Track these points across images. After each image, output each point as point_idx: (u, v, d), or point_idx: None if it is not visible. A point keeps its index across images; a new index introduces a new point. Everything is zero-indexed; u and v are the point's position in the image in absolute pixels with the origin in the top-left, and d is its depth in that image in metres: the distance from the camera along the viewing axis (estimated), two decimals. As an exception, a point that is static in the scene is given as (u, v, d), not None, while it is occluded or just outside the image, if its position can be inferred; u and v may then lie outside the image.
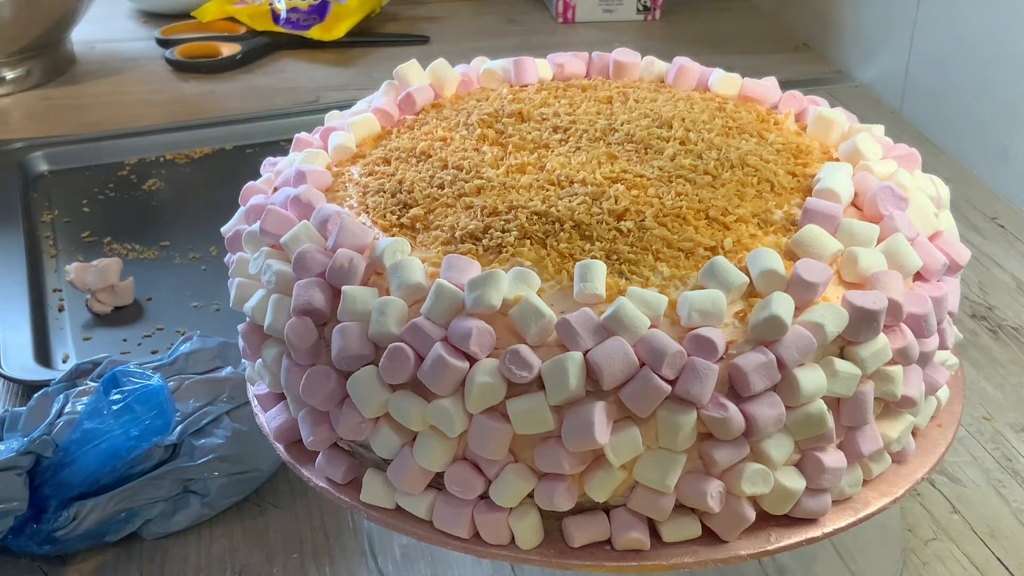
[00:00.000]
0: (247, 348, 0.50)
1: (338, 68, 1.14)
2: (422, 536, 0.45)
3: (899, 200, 0.48)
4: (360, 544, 0.58)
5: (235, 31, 1.19)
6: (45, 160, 0.96)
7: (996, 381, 0.69)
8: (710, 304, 0.42)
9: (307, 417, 0.47)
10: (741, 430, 0.42)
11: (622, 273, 0.44)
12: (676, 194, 0.48)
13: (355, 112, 0.58)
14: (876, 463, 0.47)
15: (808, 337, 0.42)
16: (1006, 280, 0.79)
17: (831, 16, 1.13)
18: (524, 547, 0.44)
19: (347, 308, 0.44)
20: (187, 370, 0.63)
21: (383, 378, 0.43)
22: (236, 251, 0.52)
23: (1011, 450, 0.64)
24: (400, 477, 0.44)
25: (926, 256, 0.47)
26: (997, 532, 0.58)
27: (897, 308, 0.44)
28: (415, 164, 0.52)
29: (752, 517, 0.44)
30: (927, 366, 0.47)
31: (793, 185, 0.50)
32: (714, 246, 0.45)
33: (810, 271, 0.43)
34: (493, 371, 0.41)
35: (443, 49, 1.06)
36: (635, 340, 0.41)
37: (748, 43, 1.18)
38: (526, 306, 0.41)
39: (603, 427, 0.41)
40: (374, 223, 0.49)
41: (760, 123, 0.55)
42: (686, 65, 0.60)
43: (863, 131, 0.54)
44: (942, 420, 0.51)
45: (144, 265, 0.82)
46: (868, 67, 1.07)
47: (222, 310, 0.76)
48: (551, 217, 0.46)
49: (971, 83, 0.92)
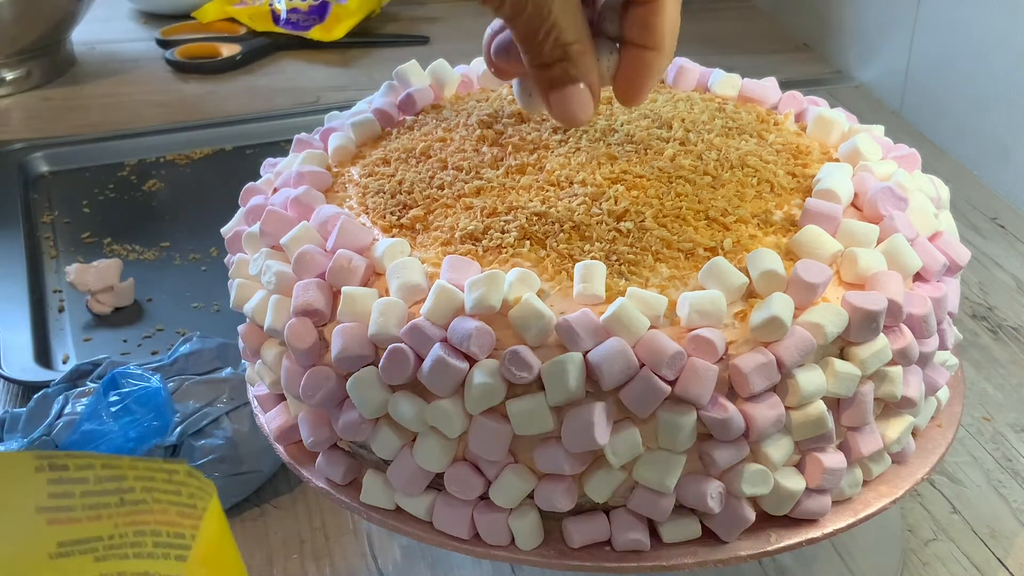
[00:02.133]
0: (247, 349, 0.50)
1: (338, 69, 1.14)
2: (422, 537, 0.45)
3: (899, 200, 0.48)
4: (360, 545, 0.58)
5: (235, 32, 1.19)
6: (45, 161, 0.96)
7: (996, 381, 0.69)
8: (710, 305, 0.42)
9: (307, 418, 0.47)
10: (741, 431, 0.42)
11: (622, 274, 0.44)
12: (676, 195, 0.48)
13: (355, 113, 0.58)
14: (876, 463, 0.47)
15: (808, 338, 0.42)
16: (1006, 280, 0.79)
17: (831, 16, 1.13)
18: (524, 548, 0.44)
19: (347, 309, 0.44)
20: (187, 371, 0.63)
21: (383, 379, 0.43)
22: (236, 252, 0.52)
23: (1011, 450, 0.64)
24: (400, 478, 0.44)
25: (926, 256, 0.47)
26: (997, 532, 0.58)
27: (897, 309, 0.44)
28: (415, 165, 0.52)
29: (752, 518, 0.44)
30: (927, 367, 0.47)
31: (793, 185, 0.50)
32: (714, 247, 0.45)
33: (810, 272, 0.43)
34: (493, 372, 0.41)
35: (443, 49, 1.06)
36: (635, 341, 0.41)
37: (748, 43, 1.18)
38: (526, 307, 0.41)
39: (603, 428, 0.41)
40: (374, 224, 0.49)
41: (760, 124, 0.55)
42: (686, 65, 0.60)
43: (863, 131, 0.54)
44: (942, 420, 0.51)
45: (144, 266, 0.82)
46: (868, 67, 1.07)
47: (222, 311, 0.76)
48: (551, 218, 0.46)
49: (971, 83, 0.92)
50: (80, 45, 1.17)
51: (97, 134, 1.00)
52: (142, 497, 0.30)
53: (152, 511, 0.30)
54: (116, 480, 0.30)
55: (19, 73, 1.08)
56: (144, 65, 1.15)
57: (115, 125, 1.02)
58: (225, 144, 0.99)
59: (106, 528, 0.30)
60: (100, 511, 0.30)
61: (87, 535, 0.30)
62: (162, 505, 0.30)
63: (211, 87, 1.10)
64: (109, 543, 0.30)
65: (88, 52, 1.17)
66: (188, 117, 1.03)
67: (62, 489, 0.29)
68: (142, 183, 0.93)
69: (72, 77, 1.13)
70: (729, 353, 0.42)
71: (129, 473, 0.30)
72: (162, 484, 0.30)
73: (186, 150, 0.98)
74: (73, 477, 0.29)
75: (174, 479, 0.30)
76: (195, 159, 0.97)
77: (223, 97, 1.08)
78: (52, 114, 1.05)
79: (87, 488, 0.30)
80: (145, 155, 0.97)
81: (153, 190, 0.92)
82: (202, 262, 0.82)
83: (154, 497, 0.30)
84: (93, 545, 0.30)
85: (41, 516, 0.29)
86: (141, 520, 0.30)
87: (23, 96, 1.08)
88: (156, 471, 0.30)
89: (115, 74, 1.13)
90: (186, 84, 1.11)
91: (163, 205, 0.91)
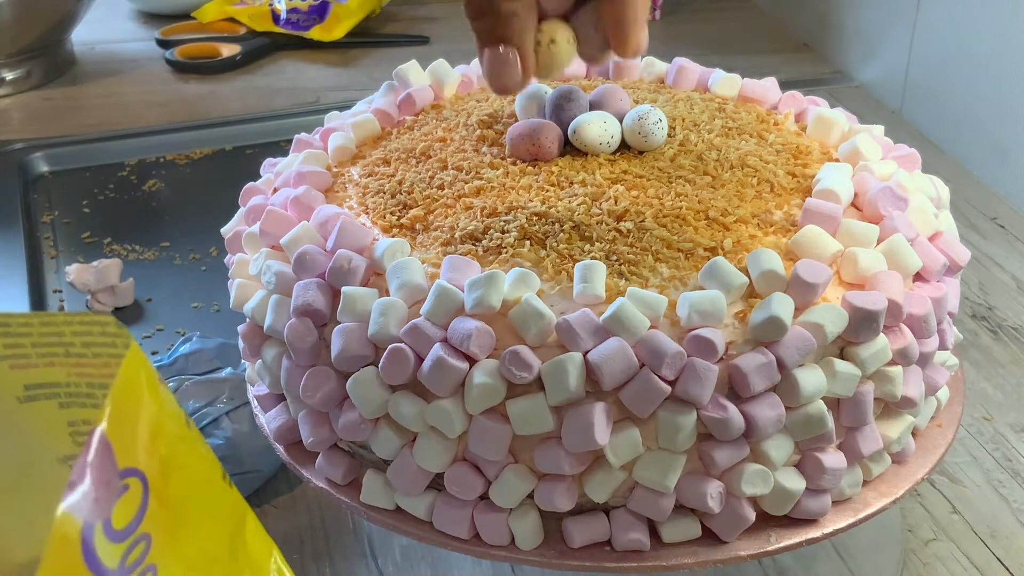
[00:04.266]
0: (247, 349, 0.50)
1: (338, 69, 1.14)
2: (422, 537, 0.45)
3: (899, 200, 0.48)
4: (360, 545, 0.58)
5: (235, 32, 1.19)
6: (45, 161, 0.96)
7: (996, 381, 0.69)
8: (710, 305, 0.42)
9: (307, 418, 0.47)
10: (741, 431, 0.42)
11: (622, 274, 0.44)
12: (676, 195, 0.48)
13: (355, 113, 0.58)
14: (876, 463, 0.47)
15: (808, 338, 0.42)
16: (1006, 280, 0.79)
17: (831, 16, 1.13)
18: (524, 548, 0.44)
19: (347, 309, 0.44)
20: (187, 371, 0.63)
21: (383, 379, 0.43)
22: (236, 252, 0.52)
23: (1011, 450, 0.64)
24: (400, 478, 0.44)
25: (926, 256, 0.47)
26: (997, 532, 0.58)
27: (897, 309, 0.44)
28: (415, 165, 0.52)
29: (752, 518, 0.44)
30: (927, 367, 0.47)
31: (793, 186, 0.50)
32: (714, 247, 0.45)
33: (810, 272, 0.43)
34: (493, 372, 0.41)
35: (443, 49, 1.06)
36: (635, 341, 0.41)
37: (748, 43, 1.18)
38: (526, 307, 0.41)
39: (603, 428, 0.41)
40: (374, 224, 0.49)
41: (760, 124, 0.55)
42: (686, 65, 0.60)
43: (863, 131, 0.54)
44: (942, 420, 0.51)
45: (144, 266, 0.82)
46: (868, 67, 1.07)
47: (222, 311, 0.76)
48: (551, 218, 0.46)
49: (971, 83, 0.92)
50: (80, 45, 1.17)
51: (97, 134, 1.00)
52: (83, 352, 0.30)
53: (94, 364, 0.30)
54: (57, 335, 0.30)
55: (19, 73, 1.08)
56: (144, 65, 1.15)
57: (115, 125, 1.02)
58: (225, 144, 0.99)
59: (61, 375, 0.31)
60: (52, 359, 0.30)
61: (47, 380, 0.30)
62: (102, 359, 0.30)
63: (211, 87, 1.10)
64: (67, 390, 0.31)
65: (88, 52, 1.17)
66: (188, 117, 1.03)
67: (13, 341, 0.30)
68: (142, 183, 0.93)
69: (72, 77, 1.13)
70: (729, 353, 0.42)
71: (65, 329, 0.30)
72: (99, 338, 0.30)
73: (186, 150, 0.98)
74: (19, 332, 0.30)
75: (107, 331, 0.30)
76: (195, 159, 0.97)
77: (223, 97, 1.08)
78: (52, 114, 1.05)
79: (34, 340, 0.30)
80: (145, 155, 0.97)
81: (153, 190, 0.92)
82: (202, 262, 0.82)
83: (93, 352, 0.30)
84: (55, 390, 0.31)
85: (2, 363, 0.30)
86: (87, 372, 0.31)
87: (23, 96, 1.08)
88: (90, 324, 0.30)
89: (115, 74, 1.13)
90: (186, 84, 1.11)
91: (163, 205, 0.91)
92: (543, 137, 0.50)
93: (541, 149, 0.50)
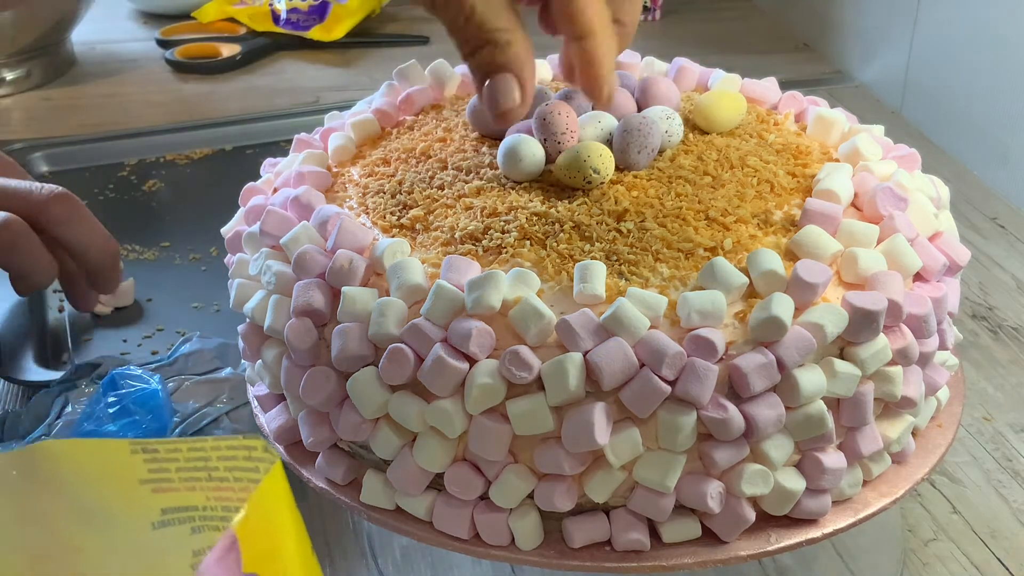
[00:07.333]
0: (247, 349, 0.50)
1: (338, 69, 1.14)
2: (422, 537, 0.45)
3: (899, 200, 0.48)
4: (360, 545, 0.58)
5: (235, 32, 1.19)
6: (45, 161, 0.96)
7: (996, 381, 0.69)
8: (710, 305, 0.42)
9: (307, 418, 0.47)
10: (741, 431, 0.42)
11: (622, 274, 0.44)
12: (676, 195, 0.48)
13: (355, 113, 0.58)
14: (876, 463, 0.47)
15: (808, 338, 0.42)
16: (1006, 280, 0.79)
17: (831, 16, 1.13)
18: (524, 548, 0.44)
19: (347, 309, 0.44)
20: (187, 371, 0.63)
21: (383, 379, 0.43)
22: (236, 252, 0.52)
23: (1011, 450, 0.63)
24: (400, 478, 0.44)
25: (926, 256, 0.47)
26: (997, 532, 0.58)
27: (897, 309, 0.44)
28: (415, 165, 0.52)
29: (752, 518, 0.44)
30: (927, 367, 0.47)
31: (793, 186, 0.50)
32: (714, 247, 0.45)
33: (810, 272, 0.43)
34: (493, 372, 0.41)
35: (443, 49, 1.06)
36: (635, 341, 0.41)
37: (748, 43, 1.18)
38: (526, 307, 0.41)
39: (603, 428, 0.41)
40: (374, 224, 0.49)
41: (760, 124, 0.55)
42: (686, 65, 0.60)
43: (863, 131, 0.54)
44: (942, 420, 0.51)
45: (144, 266, 0.82)
46: (868, 67, 1.07)
47: (222, 311, 0.76)
48: (551, 218, 0.46)
49: (971, 83, 0.92)
50: (80, 45, 1.17)
51: (97, 134, 1.00)
52: (225, 475, 0.31)
53: (234, 488, 0.31)
54: (203, 459, 0.31)
55: (19, 73, 1.08)
56: (144, 65, 1.15)
57: (115, 125, 1.02)
58: (225, 144, 0.99)
59: (200, 499, 0.31)
60: (193, 483, 0.31)
61: (186, 503, 0.31)
62: (242, 483, 0.31)
63: (211, 87, 1.10)
64: (203, 513, 0.31)
65: (88, 52, 1.17)
66: (188, 117, 1.03)
67: (158, 466, 0.31)
68: (142, 183, 0.93)
69: (72, 77, 1.13)
70: (729, 353, 0.42)
71: (212, 454, 0.31)
72: (243, 462, 0.31)
73: (186, 150, 0.98)
74: (165, 457, 0.31)
75: (252, 456, 0.31)
76: (195, 159, 0.97)
77: (223, 97, 1.08)
78: (52, 114, 1.05)
79: (179, 465, 0.31)
80: (145, 155, 0.97)
81: (153, 190, 0.92)
82: (202, 262, 0.82)
83: (235, 476, 0.31)
84: (191, 514, 0.31)
85: (145, 487, 0.31)
86: (226, 496, 0.31)
87: (23, 96, 1.08)
88: (237, 449, 0.31)
89: (115, 74, 1.13)
90: (186, 84, 1.11)
91: (163, 205, 0.91)
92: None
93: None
